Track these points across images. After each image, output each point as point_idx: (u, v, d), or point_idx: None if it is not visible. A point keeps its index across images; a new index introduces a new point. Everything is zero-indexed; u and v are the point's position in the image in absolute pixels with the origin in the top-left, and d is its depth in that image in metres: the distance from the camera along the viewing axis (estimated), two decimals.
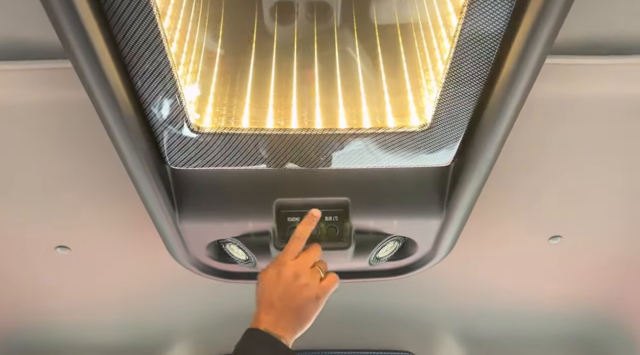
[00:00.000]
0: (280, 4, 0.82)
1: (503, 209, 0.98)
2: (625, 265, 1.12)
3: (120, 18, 0.53)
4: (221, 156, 0.73)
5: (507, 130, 0.68)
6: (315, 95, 0.78)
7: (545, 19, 0.54)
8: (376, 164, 0.76)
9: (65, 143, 0.79)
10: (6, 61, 0.61)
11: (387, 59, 0.84)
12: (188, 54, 0.67)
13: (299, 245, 0.76)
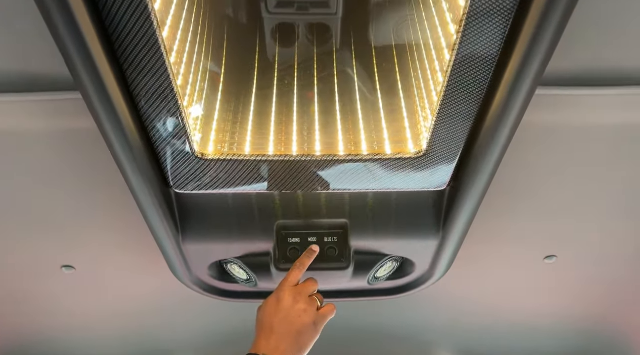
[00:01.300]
0: (282, 26, 0.84)
1: (499, 230, 1.00)
2: (619, 283, 1.13)
3: (130, 55, 0.56)
4: (224, 181, 0.76)
5: (500, 157, 0.71)
6: (315, 122, 0.81)
7: (534, 52, 0.57)
8: (374, 188, 0.79)
9: (73, 168, 0.82)
10: (22, 93, 0.64)
11: (385, 84, 0.87)
12: (193, 84, 0.70)
13: (298, 275, 0.78)
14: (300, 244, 0.86)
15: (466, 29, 0.55)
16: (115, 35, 0.54)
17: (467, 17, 0.54)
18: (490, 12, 0.54)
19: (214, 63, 0.82)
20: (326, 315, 0.77)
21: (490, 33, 0.56)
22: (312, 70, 0.91)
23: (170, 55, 0.58)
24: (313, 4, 0.79)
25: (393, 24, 0.85)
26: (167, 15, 0.58)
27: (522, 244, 1.04)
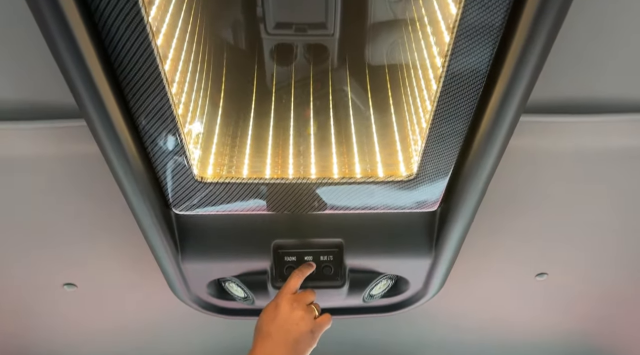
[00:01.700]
0: (280, 46, 0.87)
1: (491, 249, 1.02)
2: (608, 299, 1.15)
3: (133, 86, 0.59)
4: (222, 202, 0.78)
5: (488, 180, 0.73)
6: (310, 145, 0.84)
7: (518, 81, 0.60)
8: (367, 209, 0.81)
9: (77, 190, 0.85)
10: (31, 121, 0.68)
11: (378, 106, 0.90)
12: (193, 111, 0.73)
13: (297, 282, 0.80)
14: (297, 263, 0.89)
15: (451, 63, 0.58)
16: (119, 67, 0.57)
17: (451, 51, 0.57)
18: (473, 47, 0.57)
19: (214, 87, 0.85)
20: (323, 324, 0.78)
21: (475, 65, 0.59)
22: (308, 88, 0.94)
23: (172, 86, 0.61)
24: (311, 25, 0.82)
25: (386, 46, 0.89)
26: (169, 49, 0.61)
27: (514, 262, 1.06)
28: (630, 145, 0.76)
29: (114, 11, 0.50)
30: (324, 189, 0.78)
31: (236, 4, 0.82)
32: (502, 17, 0.54)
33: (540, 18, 0.52)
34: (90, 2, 0.50)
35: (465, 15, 0.53)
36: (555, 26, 0.53)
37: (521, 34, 0.54)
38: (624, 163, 0.80)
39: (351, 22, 0.83)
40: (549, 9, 0.51)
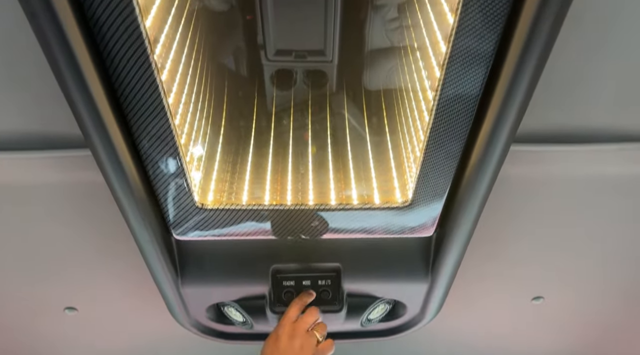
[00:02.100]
0: (280, 72, 0.89)
1: (486, 273, 1.04)
2: (604, 323, 1.16)
3: (137, 120, 0.61)
4: (222, 228, 0.80)
5: (481, 207, 0.75)
6: (308, 171, 0.86)
7: (506, 111, 0.62)
8: (364, 234, 0.83)
9: (81, 216, 0.87)
10: (39, 150, 0.71)
11: (374, 131, 0.92)
12: (195, 140, 0.76)
13: (295, 313, 0.81)
14: (295, 287, 0.90)
15: (442, 96, 0.61)
16: (125, 102, 0.59)
17: (441, 85, 0.60)
18: (463, 80, 0.60)
19: (216, 114, 0.88)
20: (325, 351, 0.79)
21: (465, 97, 0.62)
22: (307, 112, 0.97)
23: (174, 118, 0.64)
24: (310, 52, 0.84)
25: (384, 72, 0.91)
26: (173, 83, 0.64)
27: (510, 285, 1.07)
28: (619, 173, 0.78)
29: (121, 50, 0.53)
30: (321, 215, 0.80)
31: (237, 33, 0.85)
32: (492, 48, 0.56)
33: (529, 48, 0.54)
34: (99, 41, 0.53)
35: (454, 52, 0.56)
36: (543, 56, 0.55)
37: (510, 63, 0.56)
38: (613, 191, 0.82)
39: (349, 49, 0.85)
40: (537, 39, 0.53)
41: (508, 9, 0.52)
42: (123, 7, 0.49)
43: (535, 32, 0.53)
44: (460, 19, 0.53)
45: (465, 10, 0.52)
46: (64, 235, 0.91)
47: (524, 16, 0.52)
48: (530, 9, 0.51)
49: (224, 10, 0.80)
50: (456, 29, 0.54)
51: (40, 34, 0.49)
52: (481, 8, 0.52)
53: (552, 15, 0.51)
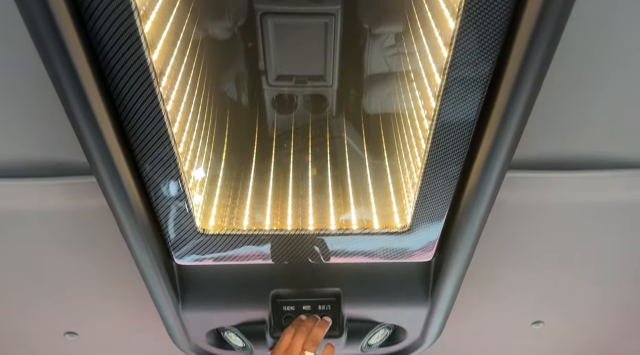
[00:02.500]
0: (281, 97, 0.91)
1: (486, 297, 1.04)
2: (605, 346, 1.15)
3: (143, 147, 0.63)
4: (223, 253, 0.81)
5: (479, 232, 0.76)
6: (308, 195, 0.87)
7: (501, 140, 0.64)
8: (364, 259, 0.84)
9: (82, 243, 0.88)
10: (45, 177, 0.72)
11: (374, 156, 0.94)
12: (197, 167, 0.77)
13: (287, 342, 0.81)
14: (295, 312, 0.90)
15: (437, 125, 0.63)
16: (131, 131, 0.61)
17: (437, 115, 0.62)
18: (458, 111, 0.62)
19: (218, 140, 0.89)
20: None
21: (460, 126, 0.63)
22: (308, 136, 0.98)
23: (178, 146, 0.66)
24: (310, 77, 0.85)
25: (383, 96, 0.93)
26: (177, 113, 0.66)
27: (510, 310, 1.07)
28: (614, 199, 0.79)
29: (128, 83, 0.55)
30: (321, 240, 0.81)
31: (239, 59, 0.88)
32: (485, 80, 0.58)
33: (523, 77, 0.55)
34: (106, 74, 0.55)
35: (449, 84, 0.58)
36: (535, 88, 0.57)
37: (503, 94, 0.58)
38: (609, 217, 0.83)
39: (349, 74, 0.87)
40: (530, 70, 0.55)
41: (501, 43, 0.54)
42: (131, 43, 0.52)
43: (528, 63, 0.55)
44: (454, 53, 0.55)
45: (458, 44, 0.54)
46: (66, 259, 0.92)
47: (516, 48, 0.54)
48: (521, 43, 0.53)
49: (226, 39, 0.83)
50: (450, 63, 0.56)
51: (49, 66, 0.51)
52: (475, 43, 0.54)
53: (544, 48, 0.53)
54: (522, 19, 0.51)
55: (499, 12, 0.51)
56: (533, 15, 0.50)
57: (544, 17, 0.49)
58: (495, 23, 0.52)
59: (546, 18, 0.49)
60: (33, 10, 0.46)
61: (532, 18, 0.50)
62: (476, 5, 0.51)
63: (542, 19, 0.50)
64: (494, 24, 0.52)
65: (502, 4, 0.51)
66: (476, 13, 0.51)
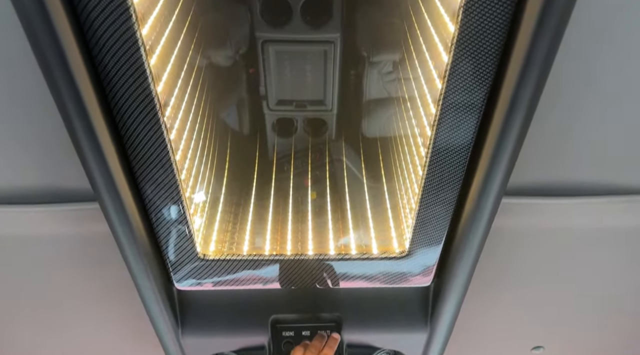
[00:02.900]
0: (281, 121, 0.93)
1: (486, 322, 1.04)
2: None
3: (147, 175, 0.65)
4: (223, 278, 0.82)
5: (476, 257, 0.77)
6: (308, 220, 0.88)
7: (495, 167, 0.65)
8: (363, 284, 0.84)
9: (84, 267, 0.89)
10: (49, 204, 0.74)
11: (372, 180, 0.95)
12: (198, 193, 0.78)
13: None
14: (294, 338, 0.90)
15: (434, 153, 0.65)
16: (135, 159, 0.63)
17: (433, 144, 0.64)
18: (454, 139, 0.63)
19: (219, 165, 0.91)
20: None
21: (456, 154, 0.65)
22: (308, 159, 1.00)
23: (181, 173, 0.67)
24: (310, 102, 0.88)
25: (382, 121, 0.95)
26: (180, 141, 0.68)
27: (510, 335, 1.06)
28: (607, 225, 0.81)
29: (133, 114, 0.57)
30: (321, 265, 0.81)
31: (240, 85, 0.90)
32: (479, 111, 0.60)
33: (515, 107, 0.56)
34: (112, 105, 0.57)
35: (443, 114, 0.60)
36: (529, 114, 0.58)
37: (496, 124, 0.60)
38: (604, 243, 0.84)
39: (348, 99, 0.89)
40: (521, 105, 0.57)
41: (492, 76, 0.56)
42: (137, 76, 0.54)
43: (520, 95, 0.56)
44: (447, 86, 0.57)
45: (452, 77, 0.56)
46: (67, 285, 0.93)
47: (508, 80, 0.55)
48: (513, 75, 0.55)
49: (228, 66, 0.85)
50: (444, 94, 0.58)
51: (58, 97, 0.53)
52: (467, 76, 0.56)
53: (534, 83, 0.54)
54: (513, 53, 0.53)
55: (491, 48, 0.54)
56: (523, 53, 0.52)
57: (534, 51, 0.51)
58: (488, 58, 0.54)
59: (537, 50, 0.51)
60: (44, 47, 0.48)
61: (522, 55, 0.52)
62: (468, 42, 0.53)
63: (533, 53, 0.52)
64: (486, 59, 0.54)
65: (495, 40, 0.53)
66: (468, 49, 0.54)
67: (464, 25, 0.52)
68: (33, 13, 0.46)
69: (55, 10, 0.46)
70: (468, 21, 0.51)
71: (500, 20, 0.51)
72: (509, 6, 0.50)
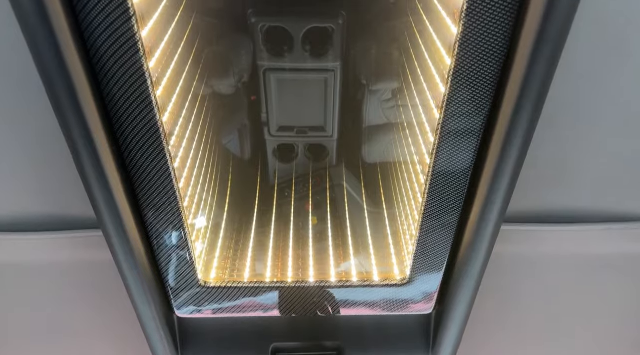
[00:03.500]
0: (282, 146, 0.94)
1: (487, 352, 1.02)
2: None
3: (150, 203, 0.66)
4: (224, 306, 0.81)
5: (478, 284, 0.77)
6: (309, 247, 0.89)
7: (495, 194, 0.66)
8: (364, 312, 0.84)
9: (85, 294, 0.89)
10: (53, 231, 0.74)
11: (373, 206, 0.96)
12: (200, 219, 0.79)
13: None
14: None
15: (433, 180, 0.66)
16: (139, 187, 0.64)
17: (431, 173, 0.65)
18: (452, 177, 0.65)
19: (221, 191, 0.92)
20: None
21: (455, 182, 0.66)
22: (308, 184, 1.00)
23: (184, 201, 0.68)
24: (311, 128, 0.89)
25: (382, 146, 0.96)
26: (184, 169, 0.69)
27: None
28: (606, 252, 0.81)
29: (138, 143, 0.58)
30: (322, 292, 0.81)
31: (242, 112, 0.91)
32: (477, 139, 0.61)
33: (512, 136, 0.58)
34: (118, 135, 0.58)
35: (442, 142, 0.61)
36: (526, 143, 0.59)
37: (494, 151, 0.61)
38: (603, 270, 0.84)
39: (348, 125, 0.90)
40: (517, 135, 0.58)
41: (489, 106, 0.58)
42: (144, 107, 0.55)
43: (517, 125, 0.58)
44: (445, 116, 0.58)
45: (449, 108, 0.58)
46: (67, 312, 0.92)
47: (505, 108, 0.57)
48: (510, 103, 0.56)
49: (230, 94, 0.87)
50: (442, 124, 0.59)
51: (66, 129, 0.54)
52: (465, 107, 0.58)
53: (529, 116, 0.56)
54: (509, 83, 0.54)
55: (487, 79, 0.55)
56: (519, 82, 0.53)
57: (530, 80, 0.52)
58: (484, 89, 0.56)
59: (533, 79, 0.52)
60: (53, 78, 0.50)
61: (518, 85, 0.53)
62: (464, 74, 0.55)
63: (528, 82, 0.53)
64: (482, 89, 0.56)
65: (490, 71, 0.54)
66: (465, 80, 0.55)
67: (460, 58, 0.54)
68: (45, 51, 0.47)
69: (67, 46, 0.48)
70: (464, 54, 0.53)
71: (496, 53, 0.53)
72: (504, 39, 0.52)
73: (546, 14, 0.47)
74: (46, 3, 0.44)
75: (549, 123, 0.65)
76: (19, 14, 0.45)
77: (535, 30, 0.48)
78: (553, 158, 0.73)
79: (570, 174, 0.75)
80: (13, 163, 0.70)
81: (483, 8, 0.50)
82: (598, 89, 0.65)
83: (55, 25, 0.46)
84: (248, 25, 0.75)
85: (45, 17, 0.45)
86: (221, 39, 0.80)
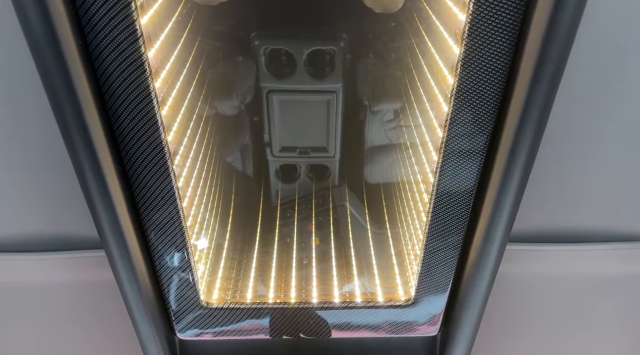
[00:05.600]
0: (284, 167, 0.95)
1: None
2: None
3: (155, 225, 0.65)
4: (226, 328, 0.80)
5: (483, 305, 0.76)
6: (312, 267, 0.88)
7: (498, 215, 0.66)
8: (367, 334, 0.82)
9: (86, 315, 0.87)
10: (54, 251, 0.74)
11: (377, 226, 0.95)
12: (203, 240, 0.79)
13: None
14: None
15: (437, 199, 0.65)
16: (142, 206, 0.63)
17: (435, 194, 0.64)
18: (456, 196, 0.64)
19: (223, 212, 0.91)
20: None
21: (459, 202, 0.66)
22: (311, 204, 1.00)
23: (187, 220, 0.68)
24: (313, 149, 0.89)
25: (384, 167, 0.96)
26: (188, 188, 0.69)
27: None
28: (613, 272, 0.80)
29: (142, 163, 0.59)
30: (325, 313, 0.80)
31: (245, 132, 0.92)
32: (480, 157, 0.61)
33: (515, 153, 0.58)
34: (124, 155, 0.58)
35: (445, 161, 0.62)
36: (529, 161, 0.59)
37: (498, 169, 0.61)
38: (609, 289, 0.83)
39: (350, 146, 0.91)
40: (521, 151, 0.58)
41: (493, 124, 0.58)
42: (149, 127, 0.56)
43: (520, 145, 0.58)
44: (449, 134, 0.59)
45: (452, 127, 0.58)
46: (68, 333, 0.91)
47: (508, 127, 0.57)
48: (512, 123, 0.56)
49: (234, 114, 0.88)
50: (446, 142, 0.60)
51: (71, 148, 0.55)
52: (468, 125, 0.58)
53: (532, 135, 0.56)
54: (511, 101, 0.55)
55: (490, 97, 0.56)
56: (521, 101, 0.54)
57: (532, 99, 0.53)
58: (486, 107, 0.56)
59: (535, 98, 0.53)
60: (60, 97, 0.50)
61: (520, 103, 0.54)
62: (467, 93, 0.55)
63: (530, 102, 0.53)
64: (485, 108, 0.56)
65: (493, 90, 0.55)
66: (467, 99, 0.56)
67: (463, 78, 0.54)
68: (53, 70, 0.48)
69: (75, 65, 0.49)
70: (467, 73, 0.54)
71: (498, 72, 0.54)
72: (507, 58, 0.53)
73: (547, 35, 0.48)
74: (54, 23, 0.45)
75: (553, 142, 0.65)
76: (28, 35, 0.46)
77: (537, 50, 0.49)
78: (557, 177, 0.73)
79: (576, 193, 0.75)
80: (15, 183, 0.70)
81: (485, 28, 0.51)
82: (603, 107, 0.66)
83: (63, 45, 0.47)
84: (251, 47, 0.76)
85: (53, 36, 0.46)
86: (225, 60, 0.81)
